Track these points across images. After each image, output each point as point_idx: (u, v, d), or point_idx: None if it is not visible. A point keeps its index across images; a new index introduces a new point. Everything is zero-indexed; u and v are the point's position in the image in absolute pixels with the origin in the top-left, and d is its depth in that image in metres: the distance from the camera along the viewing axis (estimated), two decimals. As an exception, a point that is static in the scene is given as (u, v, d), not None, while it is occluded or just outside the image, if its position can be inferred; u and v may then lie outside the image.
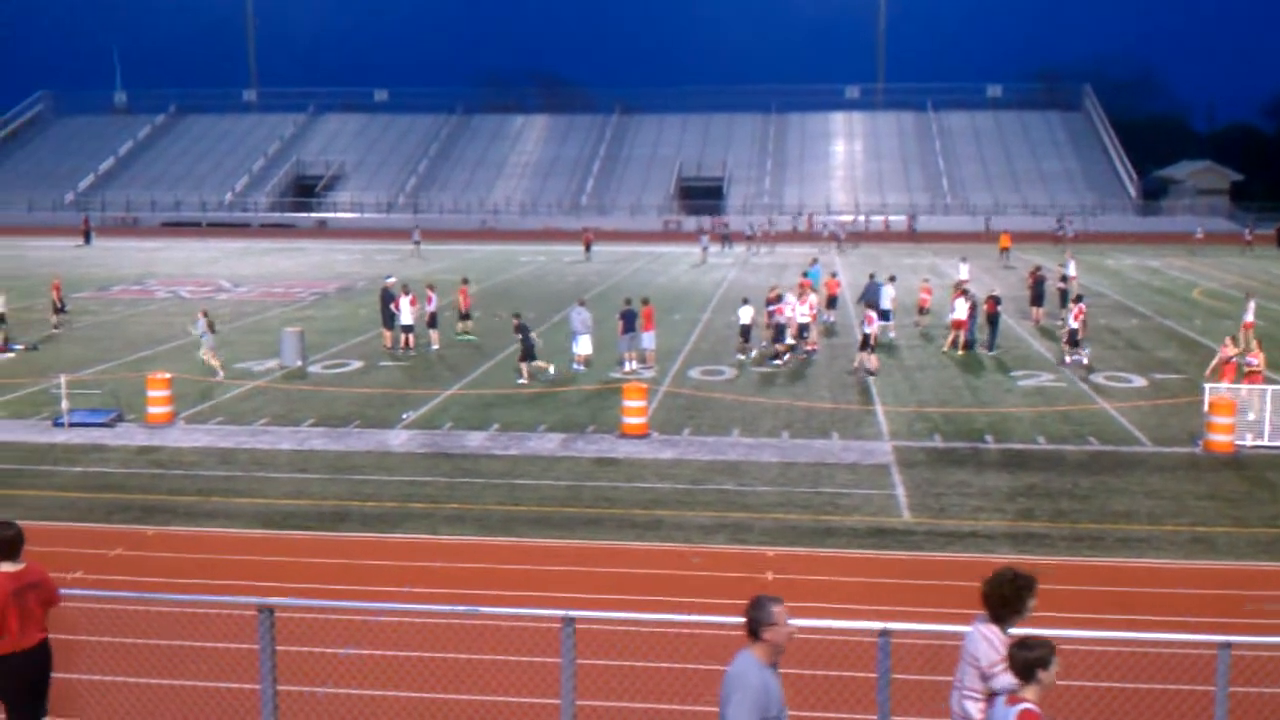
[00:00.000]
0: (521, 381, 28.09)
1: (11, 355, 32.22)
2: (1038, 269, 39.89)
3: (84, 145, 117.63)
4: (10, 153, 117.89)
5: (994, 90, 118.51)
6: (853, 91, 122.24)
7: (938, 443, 22.55)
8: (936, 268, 58.14)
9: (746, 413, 25.15)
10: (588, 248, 67.59)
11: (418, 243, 70.68)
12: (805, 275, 41.03)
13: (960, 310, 32.66)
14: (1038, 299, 38.27)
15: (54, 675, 9.05)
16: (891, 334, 34.87)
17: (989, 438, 22.86)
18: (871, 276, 37.68)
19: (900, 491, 19.23)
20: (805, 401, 26.36)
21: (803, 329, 32.48)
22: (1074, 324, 30.63)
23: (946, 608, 13.65)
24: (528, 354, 28.41)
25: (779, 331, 31.34)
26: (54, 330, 36.83)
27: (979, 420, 24.46)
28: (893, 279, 37.54)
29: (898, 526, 17.46)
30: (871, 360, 29.24)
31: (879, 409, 25.57)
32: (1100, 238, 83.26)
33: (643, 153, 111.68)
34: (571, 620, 8.43)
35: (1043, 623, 12.86)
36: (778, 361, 30.78)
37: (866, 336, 29.34)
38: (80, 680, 11.71)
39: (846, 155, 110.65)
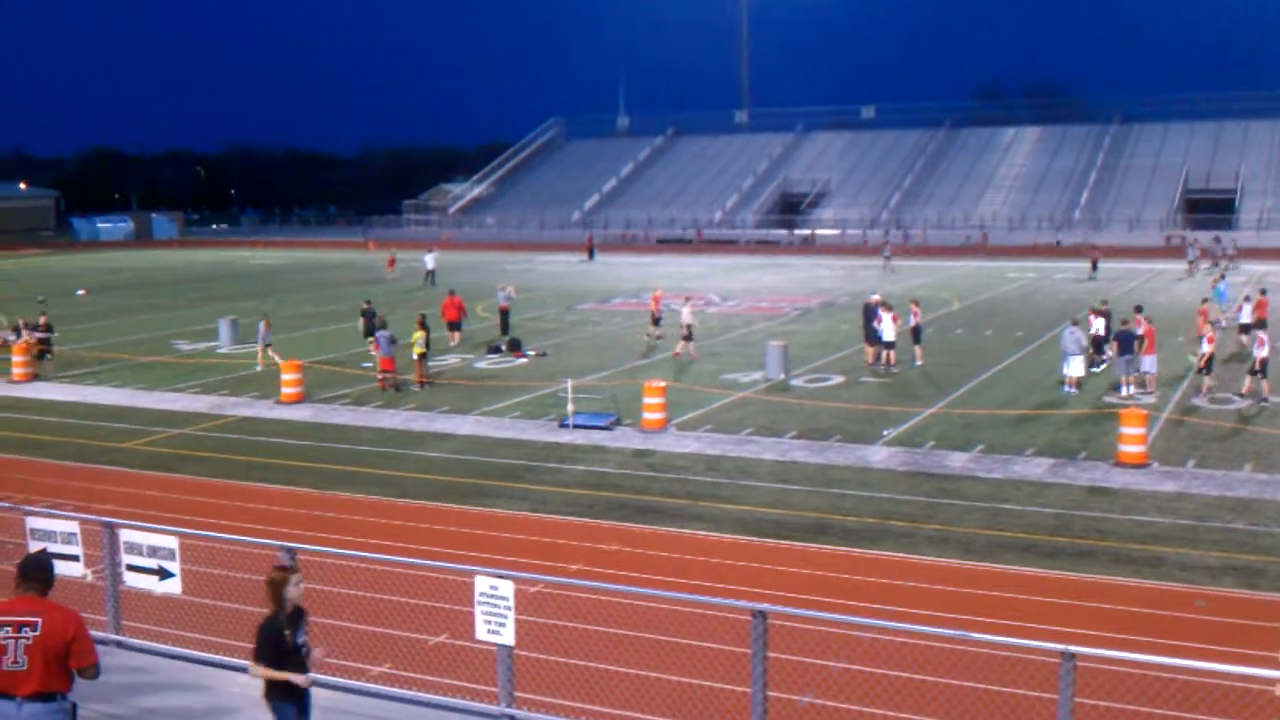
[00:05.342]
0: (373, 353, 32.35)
1: (525, 360, 35.12)
2: None
3: (590, 167, 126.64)
4: (524, 175, 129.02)
5: None
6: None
7: None
8: None
9: (1261, 445, 22.92)
10: (1094, 266, 63.43)
11: (888, 258, 70.53)
12: (1218, 298, 38.08)
13: None
14: None
15: (551, 658, 9.67)
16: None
17: None
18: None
19: None
20: (1333, 436, 23.66)
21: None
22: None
23: None
24: (370, 331, 34.31)
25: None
26: (655, 341, 38.33)
27: None
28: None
29: None
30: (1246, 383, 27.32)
31: None
32: None
33: (1144, 163, 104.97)
34: (1071, 655, 7.95)
35: None
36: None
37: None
38: (575, 665, 12.48)
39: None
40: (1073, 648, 8.08)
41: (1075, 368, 28.56)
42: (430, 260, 63.39)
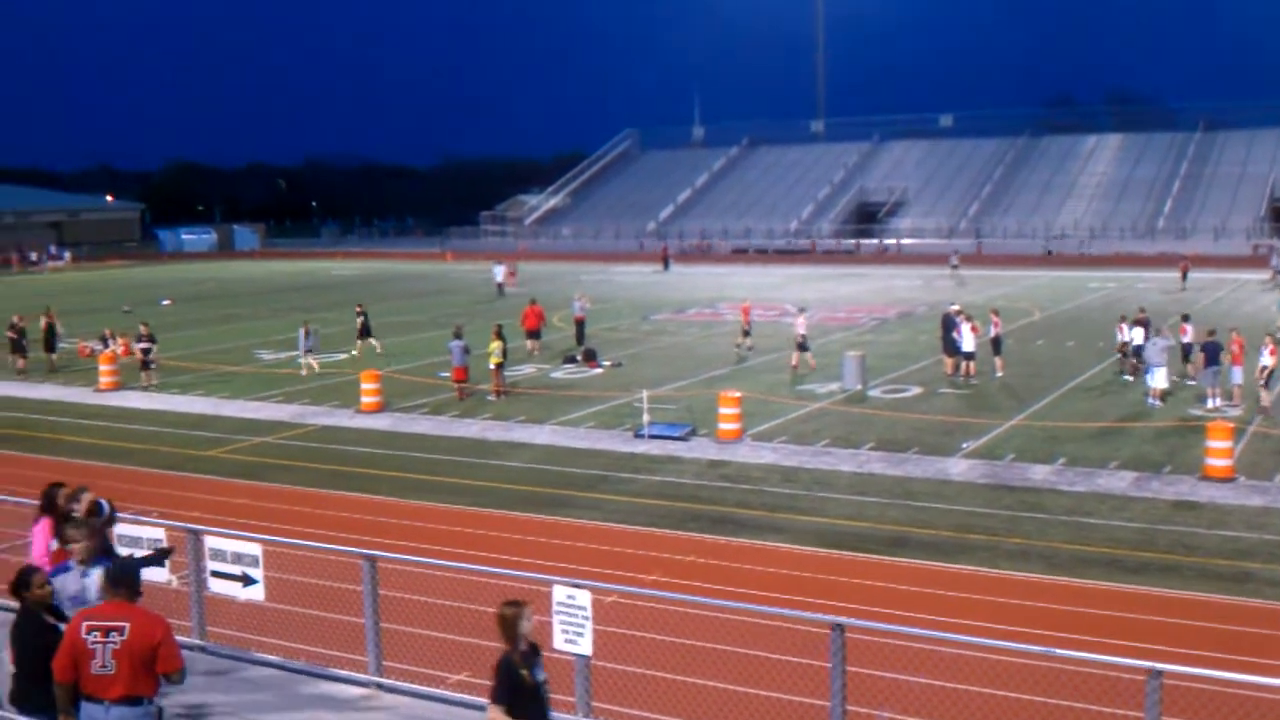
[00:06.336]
0: (354, 353, 38.81)
1: (600, 370, 35.21)
2: None
3: (665, 178, 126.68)
4: (599, 186, 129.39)
5: None
6: None
7: None
8: None
9: (1355, 460, 22.34)
10: (1184, 275, 62.44)
11: (955, 267, 69.94)
12: None
13: None
14: None
15: (627, 669, 9.63)
16: None
17: None
18: None
19: None
20: None
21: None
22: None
23: None
24: (365, 333, 39.42)
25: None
26: (745, 352, 38.11)
27: None
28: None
29: None
30: None
31: None
32: None
33: (1229, 171, 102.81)
34: (1158, 673, 7.79)
35: None
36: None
37: None
38: (652, 676, 12.47)
39: None
40: (1160, 665, 7.90)
41: (1159, 379, 28.03)
42: (499, 273, 64.38)
